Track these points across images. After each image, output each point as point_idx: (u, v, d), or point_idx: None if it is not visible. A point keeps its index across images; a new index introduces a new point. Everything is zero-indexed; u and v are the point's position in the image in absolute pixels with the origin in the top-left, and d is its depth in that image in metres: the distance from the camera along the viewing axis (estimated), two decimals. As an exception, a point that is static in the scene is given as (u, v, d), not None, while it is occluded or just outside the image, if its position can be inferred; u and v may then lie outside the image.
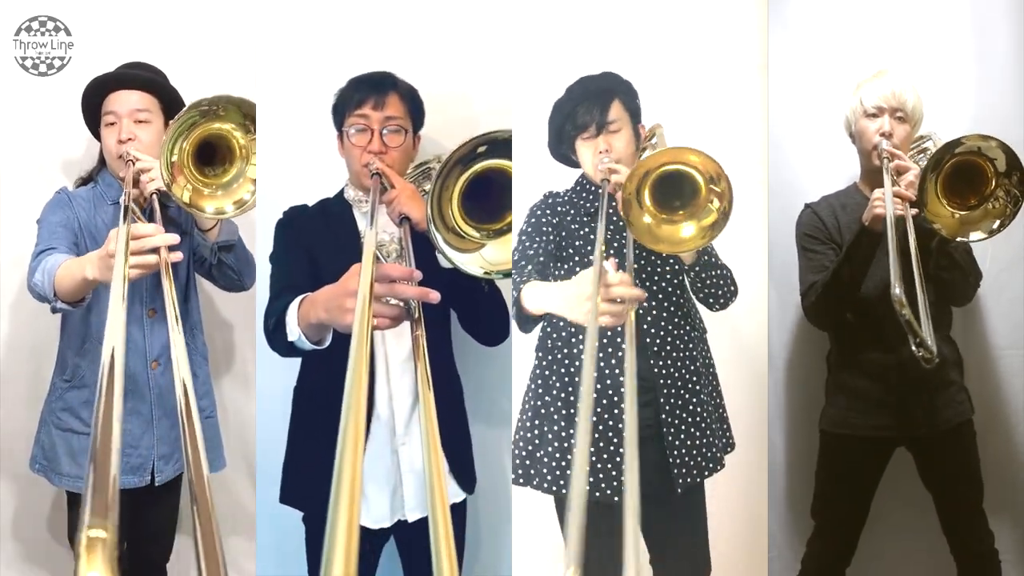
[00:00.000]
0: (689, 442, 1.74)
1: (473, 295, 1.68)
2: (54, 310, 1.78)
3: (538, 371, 1.81)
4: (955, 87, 2.17)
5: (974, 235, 1.80)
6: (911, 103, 1.95)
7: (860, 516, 2.04)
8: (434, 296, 1.30)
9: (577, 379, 1.72)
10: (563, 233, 1.78)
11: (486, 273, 1.48)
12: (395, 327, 1.34)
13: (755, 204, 2.07)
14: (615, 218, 1.71)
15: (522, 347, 1.92)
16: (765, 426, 2.07)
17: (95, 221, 1.90)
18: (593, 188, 1.79)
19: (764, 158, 2.08)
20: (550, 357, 1.78)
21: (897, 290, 1.58)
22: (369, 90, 1.78)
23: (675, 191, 1.52)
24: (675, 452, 1.72)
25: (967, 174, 1.78)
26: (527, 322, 1.66)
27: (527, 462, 1.78)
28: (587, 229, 1.78)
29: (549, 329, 1.79)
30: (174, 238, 1.59)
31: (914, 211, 1.78)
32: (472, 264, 1.48)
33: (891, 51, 2.17)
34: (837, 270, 1.92)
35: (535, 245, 1.74)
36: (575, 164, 1.83)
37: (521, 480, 1.78)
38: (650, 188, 1.52)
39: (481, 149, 1.44)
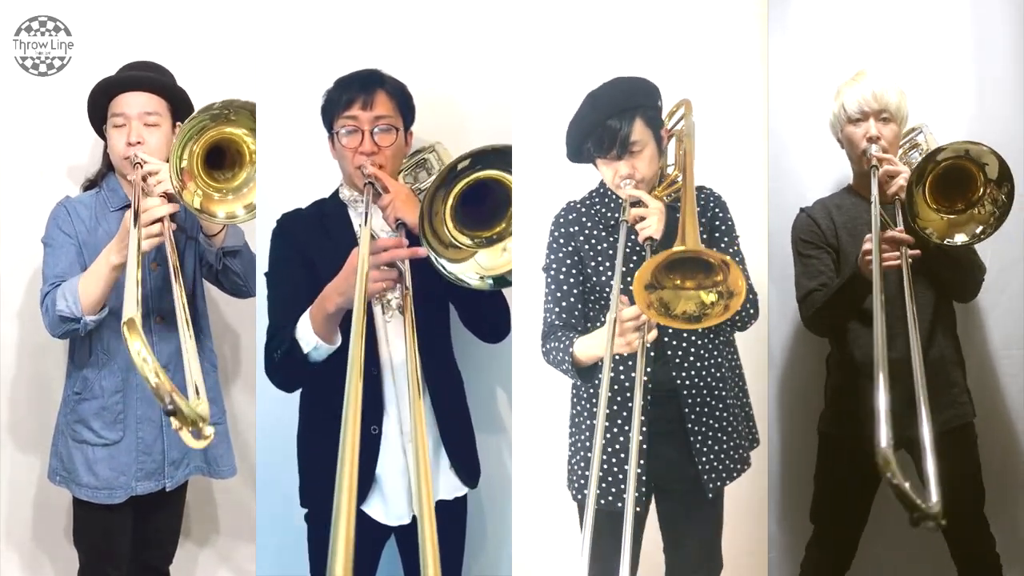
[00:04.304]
0: (716, 447, 1.76)
1: (473, 292, 1.68)
2: (85, 328, 1.80)
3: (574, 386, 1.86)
4: (955, 87, 2.17)
5: (959, 237, 1.78)
6: (894, 102, 1.93)
7: (860, 520, 2.03)
8: (423, 252, 1.52)
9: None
10: (580, 255, 1.79)
11: (481, 279, 1.52)
12: (395, 288, 1.61)
13: (755, 205, 2.07)
14: (632, 236, 1.69)
15: (522, 347, 1.92)
16: (765, 427, 2.07)
17: (96, 233, 1.89)
18: (614, 197, 1.78)
19: (764, 159, 2.08)
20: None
21: (883, 443, 1.32)
22: (356, 90, 1.76)
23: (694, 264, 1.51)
24: (703, 458, 1.75)
25: (957, 177, 1.76)
26: (587, 375, 1.72)
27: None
28: (605, 244, 1.77)
29: None
30: (175, 207, 1.73)
31: (915, 252, 1.77)
32: (469, 271, 1.52)
33: (891, 52, 2.16)
34: (831, 301, 1.92)
35: (561, 304, 1.77)
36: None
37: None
38: (666, 266, 1.49)
39: (463, 164, 1.46)
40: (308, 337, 1.62)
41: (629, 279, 1.56)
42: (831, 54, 2.21)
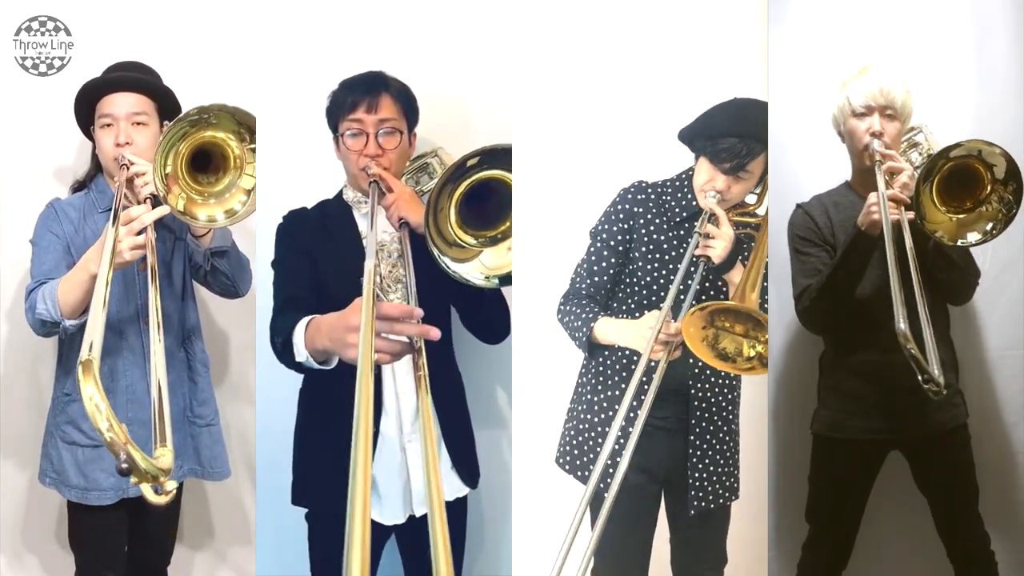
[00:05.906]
0: (712, 467, 1.82)
1: (475, 293, 1.69)
2: (65, 333, 1.80)
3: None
4: (955, 87, 2.17)
5: (971, 236, 1.78)
6: (900, 99, 1.92)
7: (854, 520, 2.03)
8: (435, 334, 1.31)
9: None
10: (631, 236, 1.81)
11: (487, 279, 1.53)
12: (397, 361, 1.36)
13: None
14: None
15: (522, 347, 1.93)
16: (765, 427, 2.08)
17: (83, 233, 1.89)
18: (689, 197, 1.79)
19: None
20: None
21: (902, 325, 1.53)
22: (361, 92, 1.77)
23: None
24: (695, 475, 1.80)
25: (963, 177, 1.76)
26: (596, 352, 1.81)
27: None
28: (659, 237, 1.79)
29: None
30: (163, 210, 1.69)
31: (910, 214, 1.77)
32: (474, 271, 1.53)
33: (890, 50, 2.16)
34: (832, 274, 1.90)
35: (593, 277, 1.82)
36: None
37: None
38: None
39: (472, 162, 1.46)
40: (301, 349, 1.54)
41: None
42: (831, 53, 2.20)
